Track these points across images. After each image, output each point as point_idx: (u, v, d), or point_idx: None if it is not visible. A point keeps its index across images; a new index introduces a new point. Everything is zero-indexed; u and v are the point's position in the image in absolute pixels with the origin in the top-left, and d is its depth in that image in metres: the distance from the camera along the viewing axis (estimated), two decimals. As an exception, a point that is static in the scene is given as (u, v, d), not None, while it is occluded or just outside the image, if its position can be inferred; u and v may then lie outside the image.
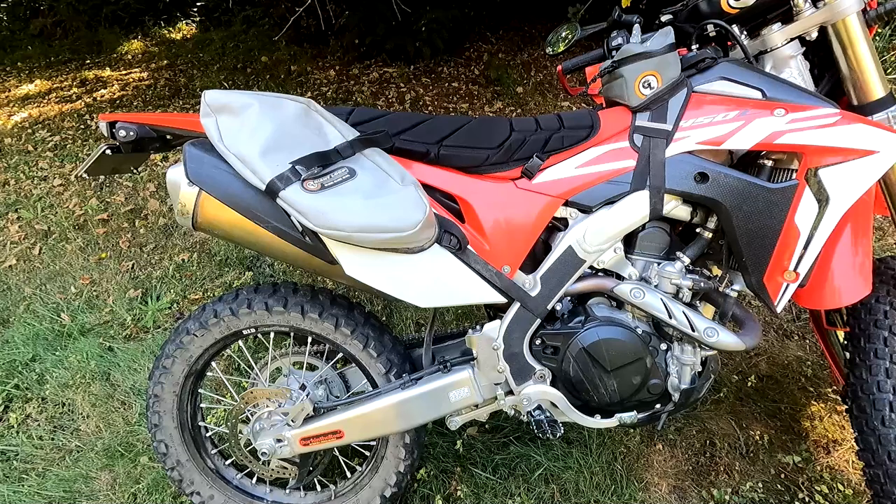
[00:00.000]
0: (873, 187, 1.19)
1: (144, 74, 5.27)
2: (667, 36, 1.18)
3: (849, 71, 1.22)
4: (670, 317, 1.23)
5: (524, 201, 1.22)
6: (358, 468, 1.57)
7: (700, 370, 1.32)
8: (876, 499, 1.38)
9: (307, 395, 1.41)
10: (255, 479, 1.58)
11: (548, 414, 1.36)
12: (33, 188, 3.36)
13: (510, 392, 1.36)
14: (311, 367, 1.51)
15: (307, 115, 1.18)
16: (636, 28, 1.26)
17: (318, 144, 1.14)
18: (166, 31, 6.67)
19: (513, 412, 1.39)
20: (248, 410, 1.44)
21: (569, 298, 1.33)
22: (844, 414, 1.81)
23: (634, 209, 1.20)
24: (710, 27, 1.26)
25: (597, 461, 1.72)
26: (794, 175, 1.18)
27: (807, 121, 1.14)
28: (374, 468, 1.50)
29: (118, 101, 4.67)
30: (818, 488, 1.62)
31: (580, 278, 1.27)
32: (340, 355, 1.46)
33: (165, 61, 5.64)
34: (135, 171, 1.47)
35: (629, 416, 1.36)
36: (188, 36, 6.55)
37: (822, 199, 1.16)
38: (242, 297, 1.37)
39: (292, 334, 1.42)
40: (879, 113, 1.21)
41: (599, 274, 1.30)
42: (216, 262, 2.70)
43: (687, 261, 1.26)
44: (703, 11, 1.28)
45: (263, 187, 1.08)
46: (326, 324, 1.36)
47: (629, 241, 1.28)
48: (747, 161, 1.27)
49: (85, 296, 2.51)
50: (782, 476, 1.68)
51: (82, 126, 4.20)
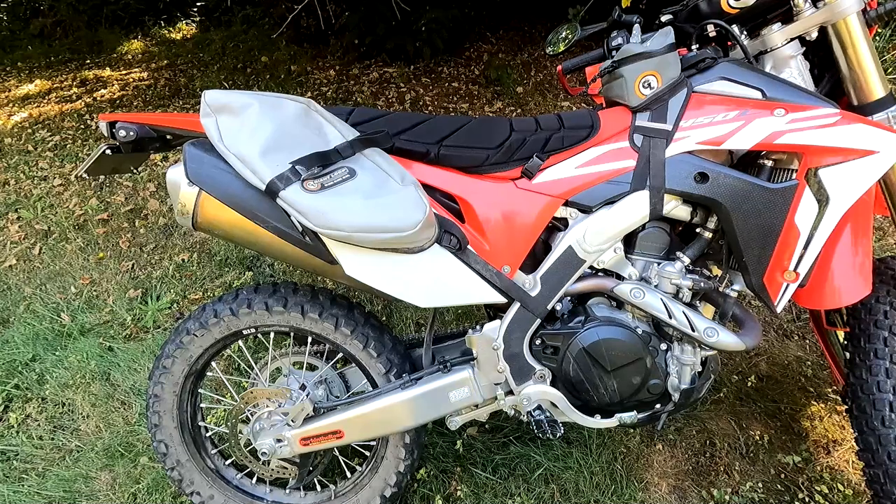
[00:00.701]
0: (873, 187, 1.19)
1: (144, 74, 5.27)
2: (667, 36, 1.18)
3: (849, 71, 1.22)
4: (670, 317, 1.23)
5: (524, 201, 1.22)
6: (358, 468, 1.57)
7: (700, 370, 1.32)
8: (876, 499, 1.38)
9: (307, 395, 1.41)
10: (255, 479, 1.58)
11: (548, 414, 1.36)
12: (33, 188, 3.36)
13: (510, 392, 1.36)
14: (311, 367, 1.51)
15: (307, 115, 1.18)
16: (636, 28, 1.26)
17: (318, 144, 1.14)
18: (166, 31, 6.68)
19: (513, 412, 1.39)
20: (248, 410, 1.44)
21: (569, 298, 1.33)
22: (844, 414, 1.81)
23: (634, 209, 1.20)
24: (710, 27, 1.26)
25: (597, 461, 1.72)
26: (794, 175, 1.18)
27: (807, 121, 1.14)
28: (374, 468, 1.50)
29: (118, 101, 4.67)
30: (818, 488, 1.62)
31: (580, 278, 1.27)
32: (340, 355, 1.46)
33: (165, 61, 5.65)
34: (135, 171, 1.47)
35: (629, 416, 1.36)
36: (188, 36, 6.55)
37: (822, 199, 1.16)
38: (242, 297, 1.37)
39: (292, 334, 1.42)
40: (879, 113, 1.21)
41: (599, 274, 1.30)
42: (216, 262, 2.70)
43: (687, 261, 1.26)
44: (703, 11, 1.28)
45: (263, 187, 1.08)
46: (326, 324, 1.36)
47: (629, 242, 1.28)
48: (747, 161, 1.27)
49: (85, 296, 2.51)
50: (782, 476, 1.68)
51: (82, 126, 4.20)
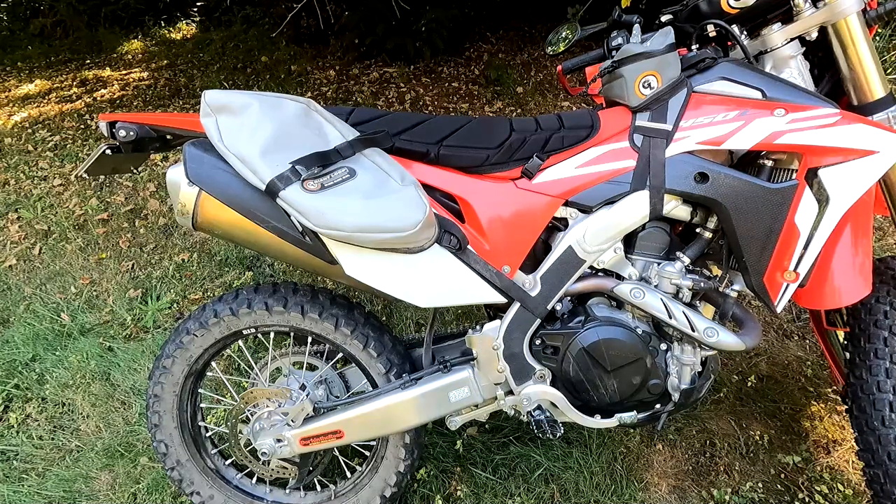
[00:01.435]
0: (873, 187, 1.19)
1: (144, 74, 5.27)
2: (667, 36, 1.18)
3: (849, 71, 1.22)
4: (670, 317, 1.23)
5: (524, 201, 1.22)
6: (358, 468, 1.57)
7: (700, 370, 1.32)
8: (876, 499, 1.38)
9: (307, 395, 1.41)
10: (255, 479, 1.58)
11: (548, 414, 1.36)
12: (33, 188, 3.36)
13: (510, 392, 1.36)
14: (311, 367, 1.51)
15: (307, 115, 1.18)
16: (636, 28, 1.26)
17: (318, 144, 1.14)
18: (166, 31, 6.67)
19: (513, 412, 1.39)
20: (248, 410, 1.44)
21: (569, 298, 1.33)
22: (844, 414, 1.81)
23: (634, 209, 1.20)
24: (710, 27, 1.26)
25: (597, 461, 1.72)
26: (794, 175, 1.18)
27: (807, 121, 1.14)
28: (374, 468, 1.50)
29: (118, 101, 4.67)
30: (818, 488, 1.62)
31: (580, 278, 1.27)
32: (340, 355, 1.46)
33: (165, 61, 5.64)
34: (135, 171, 1.47)
35: (629, 416, 1.36)
36: (188, 36, 6.55)
37: (822, 199, 1.16)
38: (242, 297, 1.37)
39: (292, 334, 1.42)
40: (879, 113, 1.21)
41: (599, 274, 1.30)
42: (216, 262, 2.70)
43: (687, 261, 1.26)
44: (703, 11, 1.28)
45: (263, 187, 1.08)
46: (326, 324, 1.36)
47: (629, 242, 1.28)
48: (747, 161, 1.27)
49: (85, 296, 2.51)
50: (782, 476, 1.68)
51: (82, 126, 4.20)
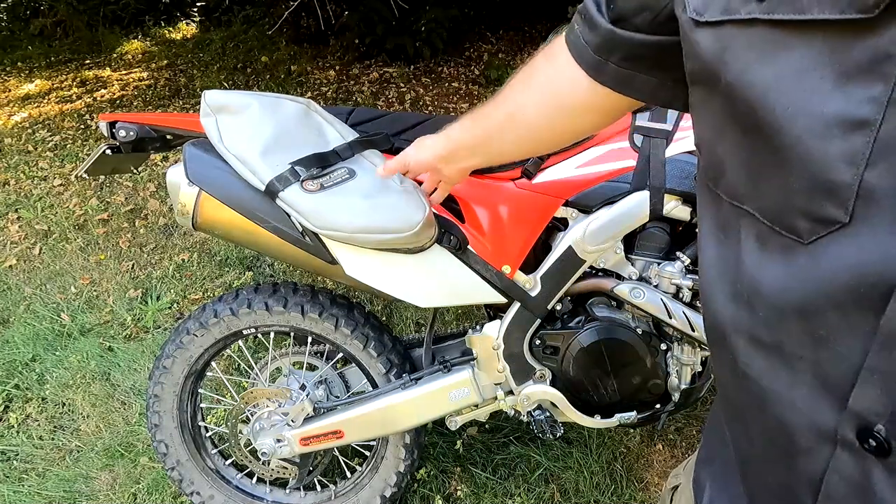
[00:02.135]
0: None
1: (144, 74, 5.27)
2: (667, 36, 1.18)
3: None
4: (670, 317, 1.23)
5: (524, 201, 1.22)
6: (358, 468, 1.57)
7: (700, 370, 1.32)
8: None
9: (307, 395, 1.41)
10: (255, 479, 1.58)
11: (548, 414, 1.36)
12: (33, 188, 3.36)
13: (510, 392, 1.36)
14: (311, 367, 1.51)
15: (307, 116, 1.18)
16: (636, 28, 1.26)
17: (317, 145, 1.14)
18: (166, 31, 6.67)
19: (513, 412, 1.39)
20: (248, 410, 1.44)
21: (569, 298, 1.33)
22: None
23: (634, 209, 1.20)
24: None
25: (597, 461, 1.72)
26: (794, 175, 1.18)
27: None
28: (374, 468, 1.50)
29: (118, 101, 4.67)
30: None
31: (580, 278, 1.27)
32: (340, 355, 1.46)
33: (165, 61, 5.64)
34: (135, 171, 1.47)
35: (629, 416, 1.36)
36: (188, 36, 6.55)
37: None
38: (242, 297, 1.37)
39: (292, 334, 1.42)
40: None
41: (599, 274, 1.30)
42: (216, 262, 2.70)
43: (687, 261, 1.26)
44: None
45: (263, 188, 1.09)
46: (326, 324, 1.36)
47: (629, 242, 1.27)
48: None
49: (85, 296, 2.51)
50: (782, 476, 1.68)
51: (82, 126, 4.20)
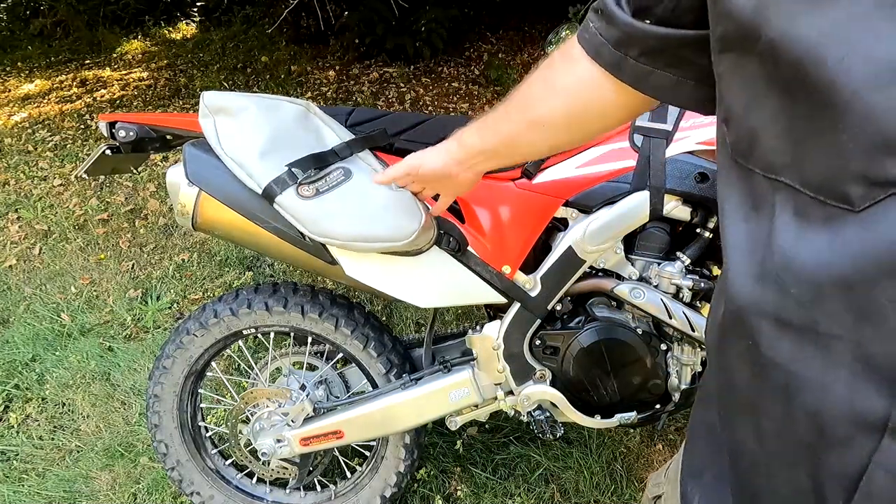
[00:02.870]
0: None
1: (144, 74, 5.27)
2: (667, 36, 1.18)
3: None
4: (670, 317, 1.23)
5: (524, 201, 1.22)
6: (358, 468, 1.57)
7: (700, 370, 1.32)
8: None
9: (307, 396, 1.41)
10: (255, 479, 1.58)
11: (548, 414, 1.36)
12: (33, 188, 3.36)
13: (510, 392, 1.36)
14: (311, 367, 1.51)
15: (305, 118, 1.18)
16: (636, 28, 1.26)
17: (315, 147, 1.14)
18: (166, 31, 6.67)
19: (513, 412, 1.39)
20: (248, 410, 1.44)
21: (569, 299, 1.33)
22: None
23: (634, 209, 1.20)
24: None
25: (597, 461, 1.72)
26: (794, 175, 1.18)
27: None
28: (374, 468, 1.50)
29: (118, 101, 4.67)
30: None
31: (580, 278, 1.27)
32: (340, 355, 1.46)
33: (165, 61, 5.64)
34: (135, 171, 1.47)
35: (629, 416, 1.36)
36: (188, 36, 6.55)
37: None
38: (242, 297, 1.37)
39: (292, 334, 1.42)
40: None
41: (599, 274, 1.30)
42: (216, 262, 2.70)
43: (687, 261, 1.26)
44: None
45: (260, 191, 1.09)
46: (326, 324, 1.36)
47: (629, 242, 1.27)
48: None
49: (85, 296, 2.51)
50: (782, 476, 1.68)
51: (82, 126, 4.20)
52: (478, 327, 1.33)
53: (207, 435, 1.57)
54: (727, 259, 0.49)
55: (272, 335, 1.43)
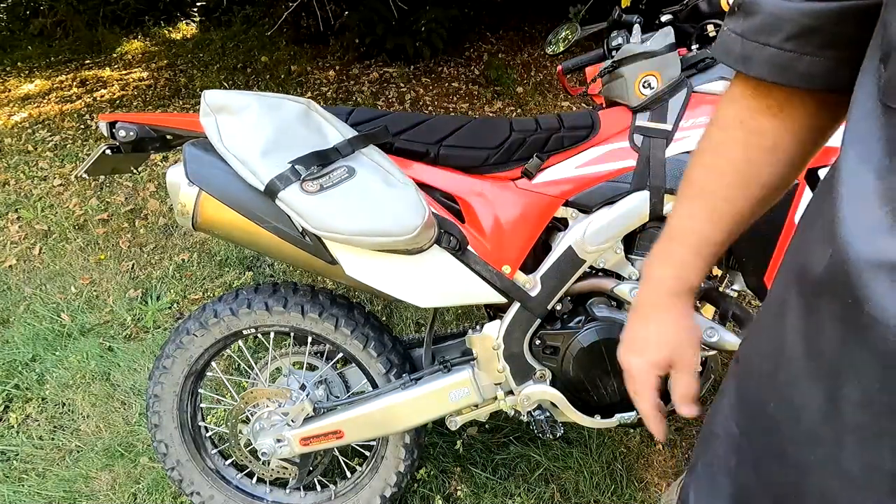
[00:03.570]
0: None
1: (144, 74, 5.27)
2: (667, 36, 1.18)
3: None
4: (670, 317, 1.22)
5: (524, 201, 1.22)
6: (358, 468, 1.57)
7: (700, 370, 1.32)
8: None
9: (307, 395, 1.41)
10: (255, 479, 1.58)
11: (548, 414, 1.36)
12: (33, 188, 3.36)
13: (510, 392, 1.36)
14: (311, 367, 1.51)
15: (307, 116, 1.18)
16: (636, 28, 1.26)
17: (317, 145, 1.14)
18: (166, 31, 6.67)
19: (513, 412, 1.39)
20: (248, 410, 1.44)
21: (569, 298, 1.33)
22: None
23: (635, 209, 1.20)
24: (710, 27, 1.26)
25: (597, 461, 1.72)
26: (794, 175, 1.18)
27: (807, 121, 1.13)
28: (374, 468, 1.50)
29: (118, 101, 4.67)
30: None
31: (580, 278, 1.27)
32: (340, 355, 1.46)
33: (165, 61, 5.64)
34: (135, 171, 1.47)
35: (629, 416, 1.36)
36: (188, 36, 6.55)
37: (823, 199, 1.16)
38: (242, 297, 1.37)
39: (292, 334, 1.42)
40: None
41: (599, 274, 1.30)
42: (216, 262, 2.70)
43: (687, 261, 1.26)
44: (703, 11, 1.28)
45: (263, 188, 1.09)
46: (326, 324, 1.36)
47: (629, 242, 1.27)
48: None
49: (85, 296, 2.51)
50: (782, 476, 1.68)
51: (82, 126, 4.20)
52: (478, 327, 1.33)
53: (207, 435, 1.57)
54: (838, 213, 0.45)
55: (272, 335, 1.43)
